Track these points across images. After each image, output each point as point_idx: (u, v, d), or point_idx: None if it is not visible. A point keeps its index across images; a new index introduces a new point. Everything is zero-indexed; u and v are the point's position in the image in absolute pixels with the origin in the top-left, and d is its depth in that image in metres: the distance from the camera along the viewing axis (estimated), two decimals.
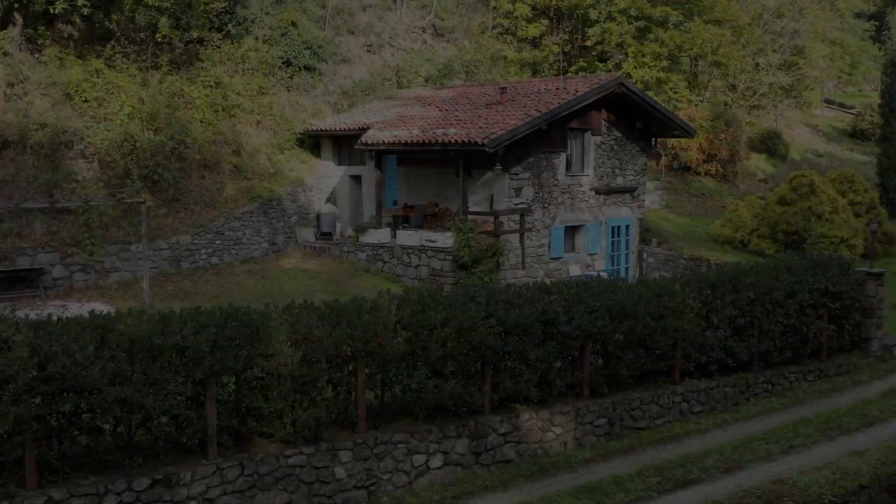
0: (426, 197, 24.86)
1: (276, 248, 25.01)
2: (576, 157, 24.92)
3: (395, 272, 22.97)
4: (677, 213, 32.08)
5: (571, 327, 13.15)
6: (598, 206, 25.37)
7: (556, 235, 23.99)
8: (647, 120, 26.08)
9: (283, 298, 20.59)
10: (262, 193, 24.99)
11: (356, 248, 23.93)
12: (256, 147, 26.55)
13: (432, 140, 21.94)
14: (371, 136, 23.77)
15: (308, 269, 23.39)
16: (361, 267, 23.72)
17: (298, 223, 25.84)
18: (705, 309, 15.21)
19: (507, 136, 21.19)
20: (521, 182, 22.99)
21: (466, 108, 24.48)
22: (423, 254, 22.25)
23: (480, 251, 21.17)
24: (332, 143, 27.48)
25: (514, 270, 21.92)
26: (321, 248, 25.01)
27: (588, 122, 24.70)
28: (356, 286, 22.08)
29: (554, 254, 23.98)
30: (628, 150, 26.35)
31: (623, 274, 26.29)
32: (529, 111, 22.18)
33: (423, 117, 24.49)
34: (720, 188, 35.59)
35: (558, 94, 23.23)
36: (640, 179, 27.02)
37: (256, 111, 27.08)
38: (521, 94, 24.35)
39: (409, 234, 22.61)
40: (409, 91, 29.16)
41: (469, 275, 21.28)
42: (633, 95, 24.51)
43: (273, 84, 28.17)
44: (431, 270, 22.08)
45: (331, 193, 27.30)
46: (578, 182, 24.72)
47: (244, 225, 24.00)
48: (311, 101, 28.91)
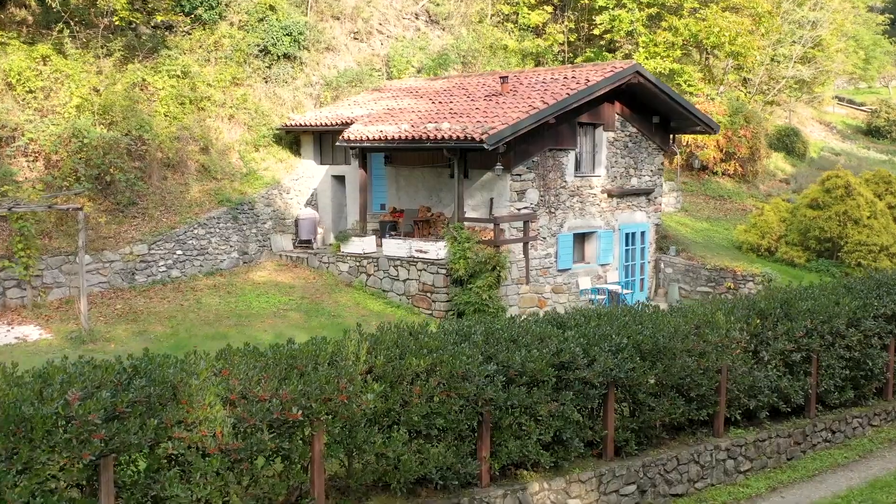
0: (417, 200, 22.07)
1: (248, 259, 22.19)
2: (586, 155, 22.13)
3: (381, 287, 20.16)
4: (694, 216, 29.28)
5: (593, 372, 10.34)
6: (610, 210, 22.58)
7: (563, 244, 21.19)
8: (665, 114, 23.29)
9: (248, 319, 17.81)
10: (231, 196, 22.17)
11: (337, 259, 21.13)
12: (228, 144, 23.74)
13: (423, 136, 19.14)
14: (354, 131, 20.96)
15: (282, 282, 20.57)
16: (343, 280, 20.92)
17: (274, 229, 23.03)
18: (754, 342, 12.41)
19: (508, 130, 18.39)
20: (525, 184, 20.19)
21: (463, 99, 21.67)
22: (413, 266, 19.45)
23: (478, 264, 18.38)
24: (314, 139, 24.67)
25: (516, 286, 19.11)
26: (299, 259, 22.20)
27: (600, 117, 21.90)
28: (335, 303, 19.28)
29: (562, 265, 21.19)
30: (644, 148, 23.56)
31: (638, 287, 23.50)
32: (534, 103, 19.37)
33: (413, 110, 21.68)
34: (739, 189, 32.79)
35: (567, 85, 20.42)
36: (657, 180, 24.21)
37: (229, 104, 24.28)
38: (524, 85, 21.54)
39: (396, 244, 19.81)
40: (399, 82, 26.34)
41: (465, 291, 18.49)
42: (651, 86, 21.70)
43: (248, 74, 25.35)
44: (422, 286, 19.27)
45: (311, 196, 24.50)
46: (589, 183, 21.92)
47: (210, 232, 21.18)
48: (290, 93, 26.09)
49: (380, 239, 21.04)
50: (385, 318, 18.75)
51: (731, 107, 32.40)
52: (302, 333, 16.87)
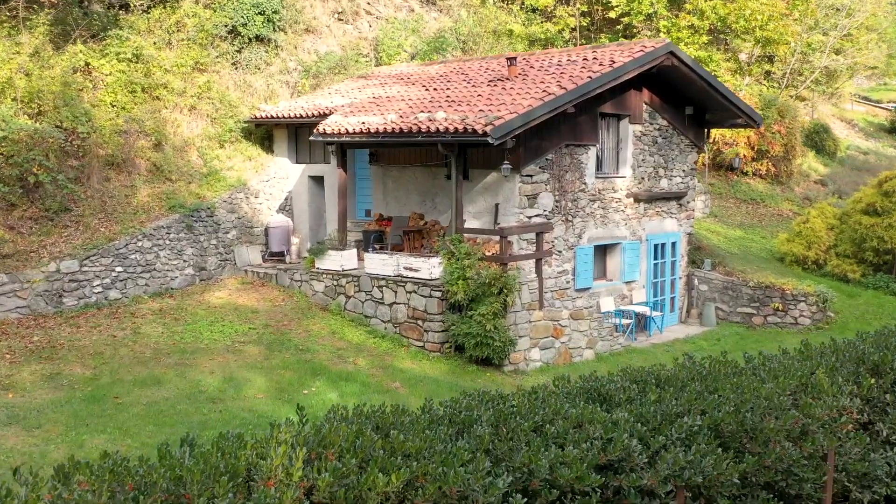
0: (408, 206, 18.58)
1: (206, 276, 18.68)
2: (609, 152, 18.63)
3: (362, 311, 16.65)
4: (725, 223, 25.77)
5: (656, 475, 6.81)
6: (636, 217, 19.07)
7: (582, 259, 17.69)
8: (700, 104, 19.79)
9: (194, 355, 14.29)
10: (186, 201, 18.66)
11: (311, 277, 17.61)
12: (187, 139, 20.23)
13: (414, 128, 15.65)
14: (332, 123, 17.46)
15: (243, 305, 17.06)
16: (317, 302, 17.41)
17: (238, 240, 19.53)
18: (867, 410, 8.88)
19: (518, 121, 14.90)
20: (538, 186, 16.70)
21: (462, 86, 18.18)
22: (401, 287, 15.94)
23: (480, 286, 14.88)
24: (288, 134, 21.18)
25: (527, 312, 15.60)
26: (267, 275, 18.69)
27: (625, 106, 18.40)
28: (305, 333, 15.77)
29: (580, 283, 17.69)
30: (675, 144, 20.05)
31: (668, 307, 19.99)
32: (550, 88, 15.87)
33: (403, 99, 18.18)
34: (772, 192, 29.27)
35: (588, 67, 16.92)
36: (690, 182, 20.71)
37: (190, 93, 20.78)
38: (535, 68, 18.04)
39: (381, 260, 16.30)
40: (389, 68, 22.84)
41: (464, 319, 14.99)
42: (687, 69, 18.20)
43: (214, 59, 21.85)
44: (411, 311, 15.77)
45: (285, 200, 21.00)
46: (612, 186, 18.42)
47: (158, 244, 17.68)
48: (263, 81, 22.60)
49: (363, 252, 17.54)
50: (366, 351, 15.24)
51: (762, 100, 28.89)
52: (258, 376, 13.36)
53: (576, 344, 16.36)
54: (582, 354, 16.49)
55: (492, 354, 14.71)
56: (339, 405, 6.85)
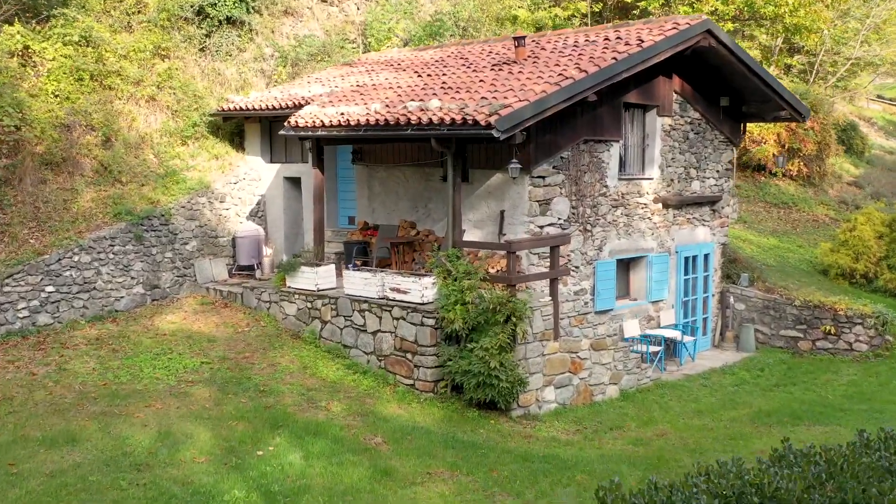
0: (397, 213, 15.82)
1: (160, 294, 15.90)
2: (633, 149, 15.87)
3: (341, 340, 13.87)
4: (756, 230, 22.98)
5: None
6: (664, 226, 16.30)
7: (603, 275, 14.93)
8: (738, 93, 17.01)
9: (127, 401, 11.37)
10: (136, 206, 15.88)
11: (281, 297, 14.83)
12: (143, 134, 17.48)
13: (402, 119, 12.88)
14: (306, 115, 14.69)
15: (199, 332, 14.29)
16: (288, 328, 14.63)
17: (200, 252, 16.76)
18: None
19: (529, 110, 12.13)
20: (551, 190, 13.95)
21: (461, 71, 15.41)
22: (387, 311, 13.15)
23: (483, 312, 12.12)
24: (261, 129, 18.41)
25: (540, 343, 12.80)
26: (231, 294, 15.91)
27: (653, 96, 15.64)
28: (271, 369, 12.99)
29: (601, 305, 14.92)
30: (709, 140, 17.28)
31: (700, 330, 17.21)
32: (567, 71, 13.10)
33: (391, 86, 15.42)
34: (804, 194, 26.46)
35: (612, 47, 14.16)
36: (725, 185, 17.93)
37: (148, 81, 18.03)
38: (547, 50, 15.28)
39: (363, 279, 13.50)
40: (377, 55, 20.06)
41: (463, 353, 12.21)
42: (726, 52, 15.43)
43: (178, 44, 19.10)
44: (399, 342, 12.98)
45: (258, 205, 18.23)
46: (638, 189, 15.66)
47: (100, 258, 14.91)
48: (235, 69, 19.86)
49: (344, 268, 14.78)
50: (343, 392, 12.46)
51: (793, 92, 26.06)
52: (203, 430, 10.58)
53: (597, 379, 13.61)
54: (604, 392, 13.73)
55: (497, 397, 11.94)
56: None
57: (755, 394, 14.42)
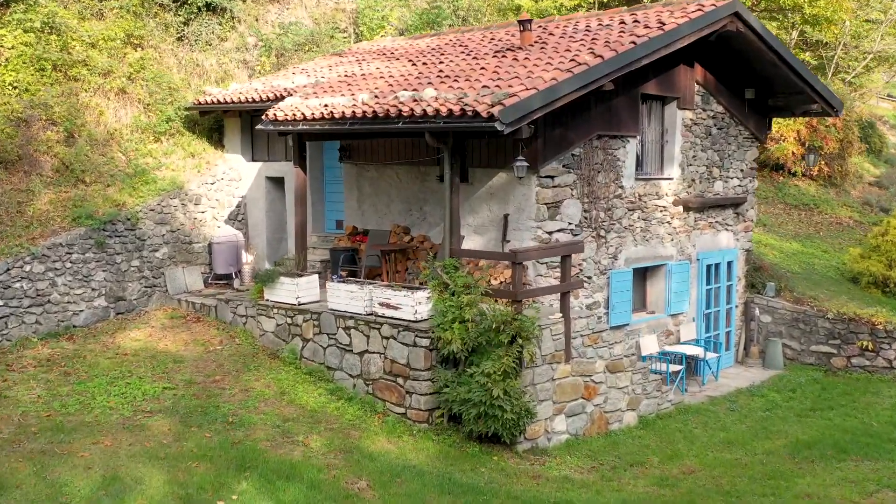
0: (388, 217, 14.26)
1: (126, 307, 14.34)
2: (651, 146, 14.31)
3: (324, 361, 12.28)
4: (777, 233, 21.40)
5: None
6: (685, 231, 14.74)
7: (619, 286, 13.37)
8: (765, 85, 15.44)
9: (73, 436, 9.65)
10: (98, 209, 14.31)
11: (259, 311, 13.25)
12: (112, 130, 15.93)
13: (392, 111, 11.32)
14: (286, 107, 13.13)
15: (165, 351, 12.71)
16: (266, 346, 13.05)
17: (172, 260, 15.18)
18: None
19: (538, 100, 10.58)
20: (561, 191, 12.39)
21: (460, 58, 13.85)
22: (375, 330, 11.57)
23: (485, 332, 10.56)
24: (241, 124, 16.84)
25: (549, 366, 11.21)
26: (205, 307, 14.33)
27: (673, 86, 14.07)
28: (243, 395, 11.42)
29: (616, 319, 13.37)
30: (732, 137, 15.72)
31: (723, 345, 15.64)
32: (580, 56, 11.54)
33: (382, 76, 13.86)
34: (826, 195, 24.87)
35: (630, 31, 12.60)
36: (749, 185, 16.37)
37: (118, 72, 16.48)
38: (556, 36, 13.72)
39: (349, 292, 11.91)
40: (369, 44, 18.49)
41: (462, 379, 10.64)
42: (754, 37, 13.87)
43: (152, 31, 17.55)
44: (390, 365, 11.40)
45: (238, 207, 16.67)
46: (656, 190, 14.09)
47: (55, 268, 13.35)
48: (216, 59, 18.31)
49: (330, 278, 13.22)
50: (324, 423, 10.90)
51: None
52: (157, 473, 9.00)
53: (613, 405, 12.04)
54: (621, 419, 12.16)
55: (501, 430, 10.38)
56: None
57: (789, 420, 12.85)
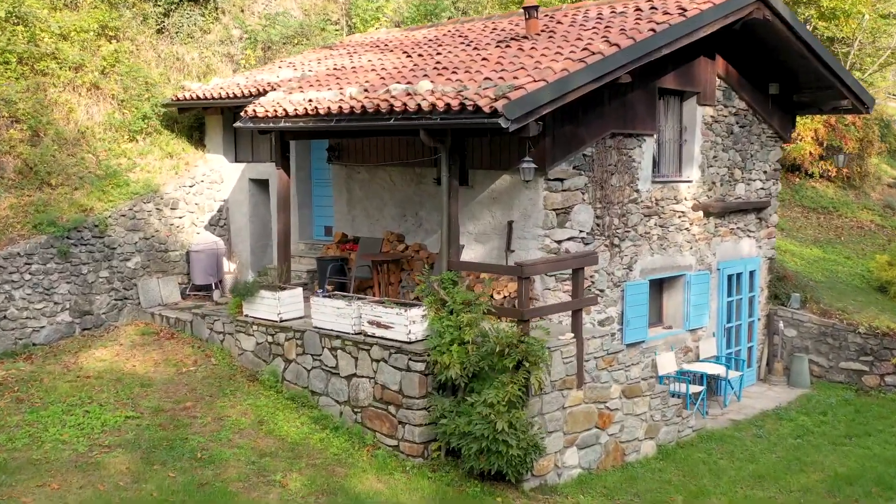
0: (381, 223, 13.03)
1: (94, 322, 13.10)
2: (669, 146, 13.08)
3: (308, 385, 11.03)
4: (796, 238, 20.17)
5: None
6: (705, 238, 13.51)
7: (634, 300, 12.14)
8: (789, 79, 14.21)
9: (16, 476, 8.36)
10: (63, 215, 13.08)
11: (237, 327, 12.00)
12: (83, 129, 14.70)
13: (383, 106, 10.09)
14: (268, 103, 11.90)
15: (133, 373, 11.46)
16: (245, 366, 11.81)
17: (146, 270, 13.95)
18: None
19: (547, 93, 9.35)
20: (571, 196, 11.16)
21: (459, 49, 12.62)
22: (365, 351, 10.33)
23: (487, 356, 9.33)
24: (223, 123, 15.61)
25: (559, 393, 9.97)
26: (180, 322, 13.08)
27: (693, 80, 12.84)
28: (216, 425, 10.18)
29: (631, 336, 12.14)
30: (755, 135, 14.49)
31: (745, 362, 14.40)
32: (594, 45, 10.31)
33: (374, 69, 12.63)
34: (845, 198, 23.64)
35: (649, 17, 11.37)
36: (772, 188, 15.15)
37: (91, 66, 15.26)
38: (565, 24, 12.48)
39: (335, 308, 10.66)
40: (362, 36, 17.26)
41: (461, 408, 9.40)
42: (782, 26, 12.64)
43: (129, 22, 16.34)
44: (380, 391, 10.15)
45: (219, 211, 15.44)
46: (674, 194, 12.86)
47: (12, 280, 12.12)
48: (198, 53, 17.09)
49: (315, 292, 11.98)
50: (306, 457, 9.65)
51: None
52: None
53: (630, 434, 10.80)
54: (638, 449, 10.93)
55: (505, 467, 9.14)
56: None
57: (824, 449, 11.61)
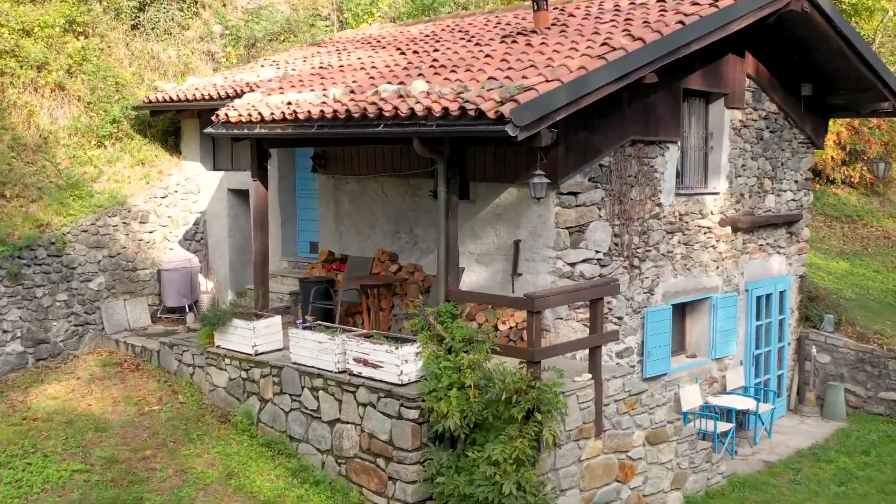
0: (372, 239, 11.66)
1: (50, 351, 11.73)
2: (694, 153, 11.70)
3: (286, 429, 9.65)
4: (820, 250, 18.79)
5: None
6: (732, 256, 12.13)
7: (656, 327, 10.77)
8: (824, 79, 12.82)
9: None
10: (15, 231, 11.69)
11: (207, 360, 10.61)
12: (46, 133, 13.36)
13: (370, 111, 8.72)
14: (242, 106, 10.53)
15: (87, 414, 10.07)
16: (216, 404, 10.42)
17: (111, 291, 12.57)
18: None
19: (563, 95, 7.98)
20: (586, 212, 9.79)
21: (459, 45, 11.25)
22: (351, 393, 8.94)
23: (491, 403, 7.95)
24: (201, 127, 14.23)
25: (575, 444, 8.59)
26: (146, 351, 11.69)
27: (721, 79, 11.46)
28: (178, 478, 8.79)
29: (653, 368, 10.77)
30: (786, 141, 13.11)
31: (774, 393, 13.01)
32: (614, 40, 8.94)
33: (362, 67, 11.27)
34: (868, 205, 22.27)
35: (673, 9, 10.00)
36: (804, 199, 13.76)
37: (55, 65, 13.91)
38: (578, 17, 11.12)
39: (316, 342, 9.27)
40: (354, 32, 15.88)
41: (462, 464, 8.02)
42: (821, 19, 11.27)
43: (99, 17, 14.98)
44: (367, 440, 8.77)
45: (195, 225, 14.07)
46: (700, 208, 11.48)
47: None
48: (176, 51, 15.73)
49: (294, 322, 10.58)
50: None
51: None
52: None
53: (654, 486, 9.44)
54: (664, 502, 9.55)
55: None
56: None
57: (871, 498, 10.24)
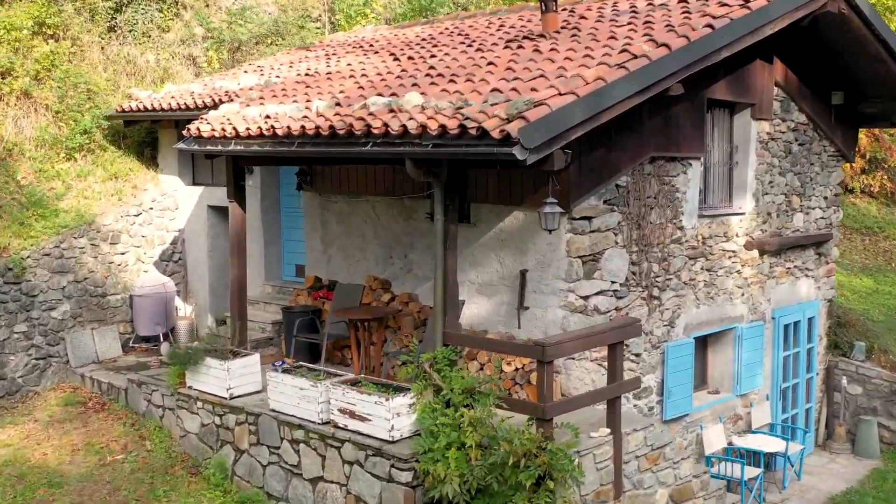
0: (363, 265, 10.57)
1: (7, 389, 10.66)
2: (717, 169, 10.62)
3: (263, 485, 8.55)
4: (843, 266, 17.67)
5: None
6: (759, 281, 11.04)
7: (677, 363, 9.68)
8: (857, 86, 11.74)
9: None
10: None
11: (178, 402, 9.52)
12: (10, 145, 12.30)
13: (357, 127, 7.63)
14: (215, 119, 9.45)
15: (41, 465, 8.97)
16: (187, 453, 9.33)
17: (77, 320, 11.49)
18: None
19: (578, 111, 6.89)
20: (601, 238, 8.70)
21: (459, 50, 10.16)
22: (336, 449, 7.85)
23: (496, 467, 6.86)
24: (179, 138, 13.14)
25: None
26: (113, 388, 10.60)
27: (747, 88, 10.37)
28: None
29: (673, 409, 9.69)
30: (816, 154, 12.03)
31: (804, 431, 11.92)
32: (634, 46, 7.85)
33: (351, 74, 10.18)
34: (889, 216, 21.18)
35: (697, 12, 8.91)
36: (833, 217, 12.67)
37: (23, 71, 12.85)
38: (591, 20, 10.03)
39: (297, 388, 8.17)
40: (345, 35, 14.80)
41: None
42: (859, 22, 10.20)
43: (70, 18, 13.91)
44: (354, 503, 7.68)
45: (172, 244, 12.99)
46: (724, 230, 10.40)
47: None
48: (155, 56, 14.66)
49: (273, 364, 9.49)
50: None
51: None
52: None
53: None
54: None
55: None
56: None
57: None
